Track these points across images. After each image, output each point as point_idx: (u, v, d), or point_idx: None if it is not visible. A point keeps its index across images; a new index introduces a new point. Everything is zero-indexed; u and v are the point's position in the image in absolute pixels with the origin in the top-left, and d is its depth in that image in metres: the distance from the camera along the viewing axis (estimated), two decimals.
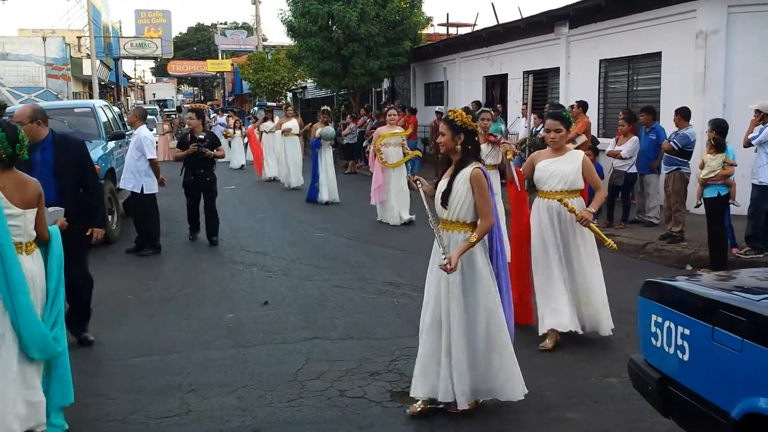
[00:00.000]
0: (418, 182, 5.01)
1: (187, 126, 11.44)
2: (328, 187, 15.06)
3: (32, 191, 4.48)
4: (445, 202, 4.68)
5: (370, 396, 5.09)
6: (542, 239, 6.06)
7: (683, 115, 10.07)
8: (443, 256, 4.52)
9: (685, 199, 10.01)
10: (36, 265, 4.49)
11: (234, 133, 24.63)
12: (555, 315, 6.02)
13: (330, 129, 15.41)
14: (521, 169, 6.35)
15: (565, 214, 5.92)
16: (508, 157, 6.40)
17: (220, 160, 11.49)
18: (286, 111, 19.14)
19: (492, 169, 8.49)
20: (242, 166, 24.15)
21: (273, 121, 20.40)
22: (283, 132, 17.65)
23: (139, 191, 10.07)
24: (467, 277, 4.64)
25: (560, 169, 5.96)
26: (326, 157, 15.08)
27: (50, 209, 4.98)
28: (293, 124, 17.85)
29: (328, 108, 17.98)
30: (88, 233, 6.13)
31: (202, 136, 10.78)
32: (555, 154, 6.06)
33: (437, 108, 20.01)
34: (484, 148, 8.48)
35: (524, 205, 6.40)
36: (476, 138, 4.76)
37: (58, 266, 4.64)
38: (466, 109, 4.80)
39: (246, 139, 23.83)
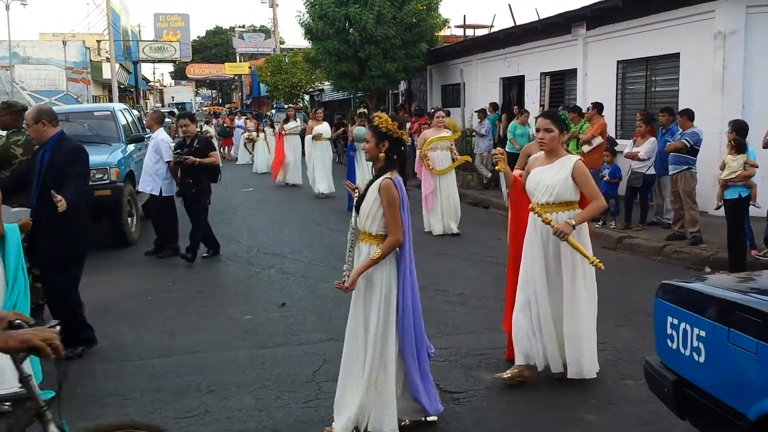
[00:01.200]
0: (355, 191, 4.73)
1: (182, 134, 10.32)
2: None
3: None
4: (357, 210, 4.54)
5: None
6: (530, 257, 5.36)
7: (689, 116, 10.07)
8: (344, 273, 4.39)
9: (695, 197, 9.98)
10: None
11: (257, 136, 24.21)
12: (522, 350, 5.34)
13: (363, 129, 13.95)
14: (521, 177, 5.66)
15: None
16: (497, 168, 5.59)
17: (239, 161, 11.17)
18: (316, 114, 17.97)
19: None
20: (265, 172, 22.93)
21: (296, 120, 19.88)
22: (314, 137, 16.76)
23: (157, 194, 10.17)
24: (365, 295, 4.49)
25: (547, 179, 5.27)
26: (363, 162, 13.70)
27: (14, 209, 5.42)
28: (324, 128, 16.94)
29: (365, 111, 16.98)
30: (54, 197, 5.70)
31: (171, 145, 10.04)
32: (548, 159, 5.36)
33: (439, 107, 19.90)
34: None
35: (524, 212, 5.54)
36: (401, 147, 4.50)
37: (15, 258, 5.02)
38: (393, 116, 4.53)
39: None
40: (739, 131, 8.88)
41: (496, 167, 5.61)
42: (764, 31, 11.58)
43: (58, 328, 2.73)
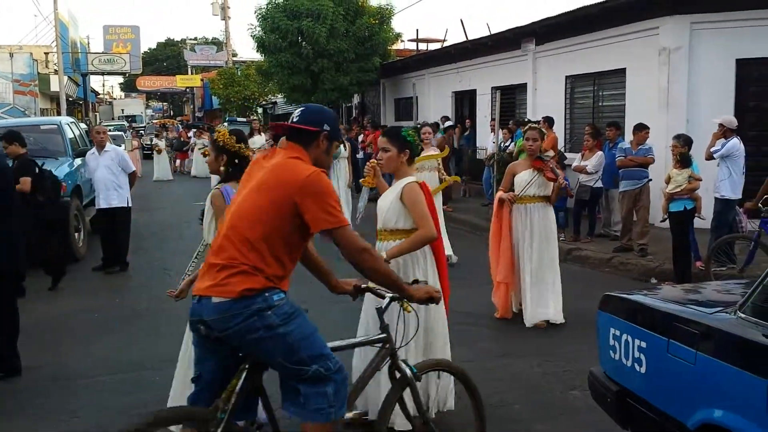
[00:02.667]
0: None
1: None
2: (348, 212, 12.24)
3: None
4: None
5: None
6: None
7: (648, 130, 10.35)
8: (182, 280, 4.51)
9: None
10: None
11: None
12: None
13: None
14: None
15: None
16: (363, 182, 5.16)
17: (192, 173, 11.03)
18: None
19: (539, 201, 7.22)
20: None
21: (261, 134, 19.11)
22: None
23: (125, 205, 10.06)
24: None
25: (382, 202, 4.85)
26: (341, 176, 12.70)
27: None
28: None
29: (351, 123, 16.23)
30: None
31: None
32: (395, 181, 4.84)
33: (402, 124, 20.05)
34: (527, 175, 7.24)
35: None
36: (237, 160, 4.49)
37: None
38: (233, 131, 4.59)
39: None
40: (684, 145, 9.10)
41: (362, 181, 5.23)
42: (708, 47, 11.89)
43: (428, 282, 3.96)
